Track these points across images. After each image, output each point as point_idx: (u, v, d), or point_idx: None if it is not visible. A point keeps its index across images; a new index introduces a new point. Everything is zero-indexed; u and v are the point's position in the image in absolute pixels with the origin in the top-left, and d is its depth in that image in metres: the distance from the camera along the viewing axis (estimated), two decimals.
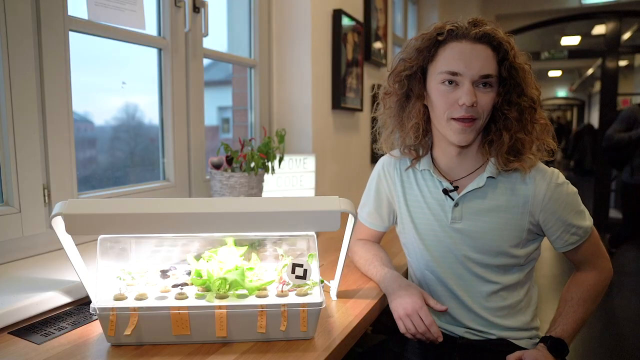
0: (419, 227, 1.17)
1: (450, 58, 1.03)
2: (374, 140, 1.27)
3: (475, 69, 1.01)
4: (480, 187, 1.10)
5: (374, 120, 1.25)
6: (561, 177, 1.10)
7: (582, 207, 1.11)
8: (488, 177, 1.10)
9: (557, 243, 1.12)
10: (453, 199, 1.12)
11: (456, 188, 1.13)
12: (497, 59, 1.03)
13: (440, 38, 1.04)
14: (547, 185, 1.08)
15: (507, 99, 1.05)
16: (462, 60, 1.01)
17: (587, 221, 1.11)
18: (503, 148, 1.06)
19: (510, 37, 1.05)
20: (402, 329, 1.04)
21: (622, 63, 5.85)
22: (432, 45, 1.06)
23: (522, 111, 1.05)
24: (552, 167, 1.12)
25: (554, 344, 1.03)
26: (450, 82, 1.03)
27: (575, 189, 1.11)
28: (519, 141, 1.06)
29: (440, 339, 1.02)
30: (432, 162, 1.17)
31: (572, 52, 6.89)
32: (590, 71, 9.41)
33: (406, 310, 1.03)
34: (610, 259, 1.17)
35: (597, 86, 8.12)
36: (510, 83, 1.05)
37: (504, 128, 1.07)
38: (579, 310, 1.09)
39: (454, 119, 1.04)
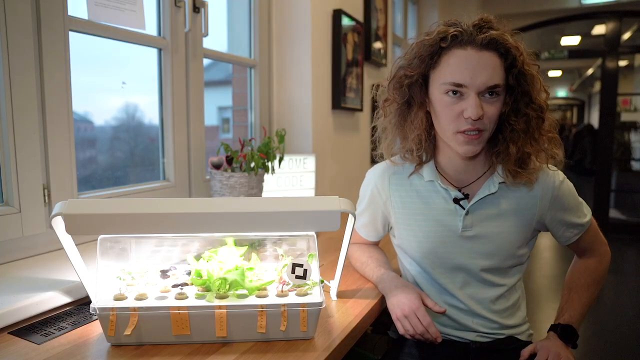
0: (423, 240, 1.13)
1: (454, 68, 0.96)
2: (373, 147, 1.22)
3: (482, 79, 0.94)
4: (492, 193, 1.08)
5: (374, 126, 1.20)
6: (561, 174, 1.11)
7: (580, 199, 1.14)
8: (500, 183, 1.07)
9: (563, 238, 1.15)
10: (464, 208, 1.08)
11: (466, 196, 1.09)
12: (505, 66, 0.97)
13: (443, 45, 0.97)
14: (553, 186, 1.08)
15: (514, 108, 1.00)
16: (467, 70, 0.94)
17: (587, 210, 1.15)
18: (510, 161, 1.03)
19: (519, 42, 0.98)
20: (400, 330, 1.04)
21: (622, 63, 5.84)
22: (434, 52, 0.99)
23: (529, 121, 1.00)
24: (552, 166, 1.11)
25: (563, 331, 1.06)
26: (455, 92, 0.97)
27: (571, 183, 1.14)
28: (525, 153, 1.02)
29: (439, 340, 1.01)
30: (437, 169, 1.12)
31: (572, 52, 6.89)
32: (590, 71, 9.41)
33: (403, 311, 1.02)
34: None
35: (597, 86, 8.12)
36: (518, 91, 0.99)
37: (510, 140, 1.01)
38: (584, 296, 1.12)
39: (460, 132, 0.98)
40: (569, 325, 1.07)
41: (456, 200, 1.09)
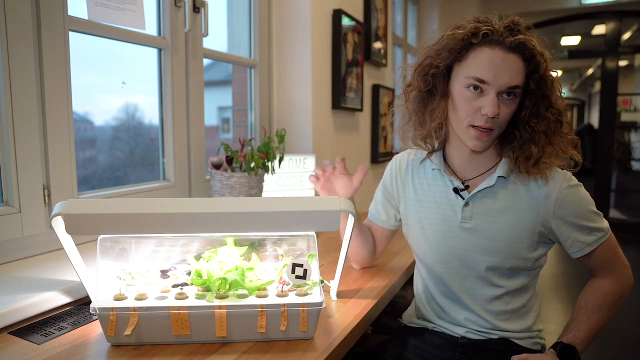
0: (426, 226, 1.16)
1: (480, 64, 0.99)
2: (374, 141, 1.26)
3: (504, 79, 0.98)
4: (490, 187, 1.09)
5: (374, 118, 1.24)
6: (574, 180, 1.08)
7: (596, 210, 1.08)
8: (499, 177, 1.08)
9: (573, 248, 1.09)
10: (463, 198, 1.11)
11: (467, 187, 1.12)
12: (527, 70, 1.01)
13: (474, 40, 1.00)
14: (560, 188, 1.06)
15: (535, 111, 1.03)
16: (491, 68, 0.98)
17: (603, 224, 1.09)
18: (531, 161, 1.04)
19: (544, 47, 1.02)
20: (313, 180, 1.22)
21: (622, 63, 5.84)
22: (464, 47, 1.02)
23: (549, 125, 1.03)
24: (564, 170, 1.09)
25: (564, 350, 1.01)
26: (476, 87, 1.00)
27: (587, 193, 1.09)
28: (545, 153, 1.04)
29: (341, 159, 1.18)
30: (444, 159, 1.16)
31: (572, 52, 6.89)
32: (590, 71, 9.41)
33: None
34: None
35: (597, 86, 8.12)
36: (538, 95, 1.02)
37: (531, 141, 1.04)
38: (593, 318, 1.06)
39: (473, 126, 1.02)
40: (571, 345, 1.02)
41: (456, 190, 1.12)
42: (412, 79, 1.12)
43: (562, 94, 1.07)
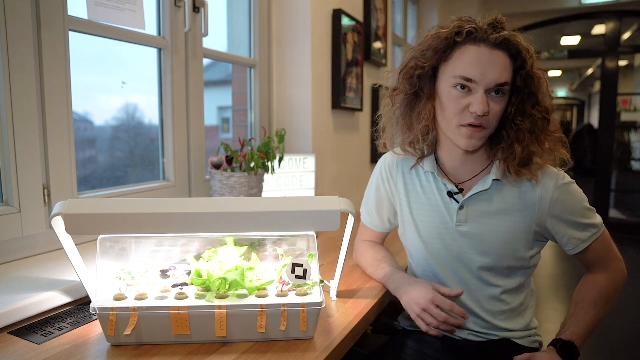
0: (422, 230, 1.16)
1: (466, 63, 0.98)
2: (374, 140, 1.24)
3: (492, 77, 0.97)
4: (485, 190, 1.08)
5: (374, 119, 1.22)
6: (567, 177, 1.08)
7: (589, 206, 1.09)
8: (494, 180, 1.08)
9: (569, 245, 1.09)
10: (458, 202, 1.10)
11: (461, 190, 1.11)
12: (514, 66, 1.00)
13: (458, 39, 0.99)
14: (554, 187, 1.05)
15: (521, 109, 1.02)
16: (478, 66, 0.97)
17: (597, 219, 1.09)
18: (515, 161, 1.03)
19: (529, 44, 1.01)
20: (423, 326, 1.02)
21: (622, 63, 5.84)
22: (448, 46, 1.01)
23: (536, 123, 1.02)
24: (557, 168, 1.09)
25: (564, 347, 1.02)
26: (463, 87, 0.99)
27: (580, 189, 1.09)
28: (530, 153, 1.03)
29: (467, 317, 1.01)
30: (437, 163, 1.15)
31: (572, 52, 6.89)
32: (590, 71, 9.41)
33: (420, 305, 1.02)
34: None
35: (597, 86, 8.12)
36: (525, 92, 1.01)
37: (516, 140, 1.03)
38: (590, 313, 1.07)
39: (463, 125, 1.01)
40: (570, 341, 1.03)
41: (450, 194, 1.11)
42: (398, 82, 1.10)
43: (552, 92, 1.05)
